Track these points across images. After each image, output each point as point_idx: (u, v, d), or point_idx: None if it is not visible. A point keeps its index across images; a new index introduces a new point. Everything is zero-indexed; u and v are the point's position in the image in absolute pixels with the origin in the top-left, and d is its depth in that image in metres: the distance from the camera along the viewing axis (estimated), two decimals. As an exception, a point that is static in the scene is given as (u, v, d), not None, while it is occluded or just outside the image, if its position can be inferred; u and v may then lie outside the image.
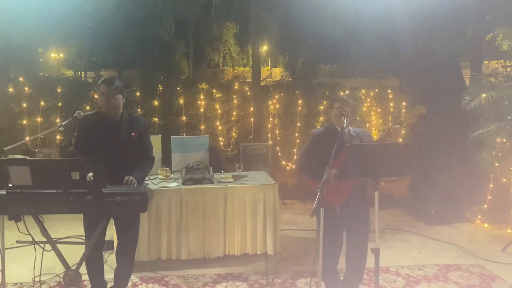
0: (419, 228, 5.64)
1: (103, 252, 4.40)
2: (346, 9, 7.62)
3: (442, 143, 6.20)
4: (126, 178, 3.11)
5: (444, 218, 5.82)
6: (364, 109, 8.04)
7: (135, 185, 3.11)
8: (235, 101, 7.60)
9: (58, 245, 2.99)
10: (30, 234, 2.83)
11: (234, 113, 7.60)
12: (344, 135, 3.39)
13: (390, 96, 8.16)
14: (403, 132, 7.21)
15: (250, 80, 8.31)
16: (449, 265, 4.41)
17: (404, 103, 7.91)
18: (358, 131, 3.58)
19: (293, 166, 7.56)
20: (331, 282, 3.64)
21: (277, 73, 19.66)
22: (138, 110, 7.29)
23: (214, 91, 7.59)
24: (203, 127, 7.41)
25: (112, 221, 3.46)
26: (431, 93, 6.33)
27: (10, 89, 7.12)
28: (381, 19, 6.74)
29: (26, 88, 7.12)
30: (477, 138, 5.47)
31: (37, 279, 3.44)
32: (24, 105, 7.05)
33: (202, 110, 7.45)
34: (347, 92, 7.97)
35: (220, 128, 7.51)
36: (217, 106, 7.51)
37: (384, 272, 4.22)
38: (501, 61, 7.56)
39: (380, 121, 8.17)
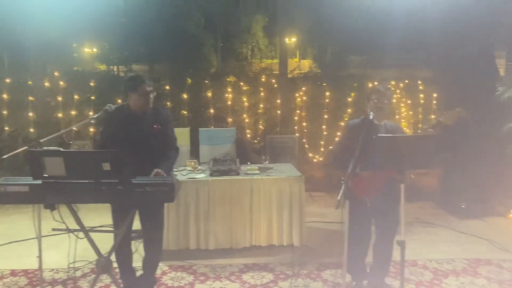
0: (449, 222, 5.53)
1: (133, 241, 4.57)
2: (375, -1, 7.49)
3: (474, 135, 6.04)
4: (155, 171, 3.18)
5: (475, 212, 5.69)
6: (394, 100, 7.90)
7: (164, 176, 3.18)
8: (262, 94, 7.62)
9: (91, 234, 3.13)
10: (64, 222, 2.97)
11: (261, 105, 7.63)
12: (380, 128, 3.37)
13: (421, 87, 7.98)
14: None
15: (277, 72, 8.32)
16: (479, 259, 4.32)
17: (435, 95, 7.73)
18: (394, 125, 3.53)
19: (320, 159, 7.54)
20: (357, 274, 3.65)
21: (306, 65, 19.54)
22: (168, 103, 7.44)
23: (242, 83, 7.64)
24: (230, 119, 7.47)
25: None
26: (463, 84, 6.16)
27: (47, 84, 7.40)
28: (410, 8, 6.60)
29: (61, 83, 7.38)
30: (510, 130, 5.31)
31: (71, 265, 3.62)
32: (60, 98, 7.32)
33: (229, 103, 7.52)
34: (376, 83, 7.86)
35: (247, 120, 7.57)
36: (244, 99, 7.56)
37: (411, 265, 4.18)
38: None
39: (410, 113, 8.01)
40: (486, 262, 4.26)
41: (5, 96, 7.32)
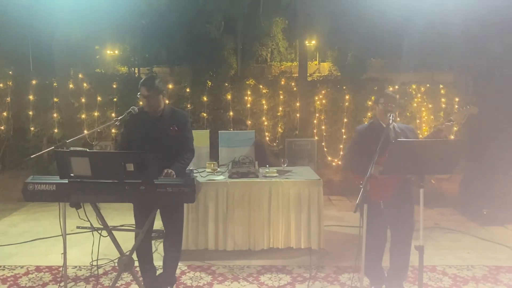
0: (469, 228, 5.46)
1: (153, 241, 4.66)
2: (397, 1, 7.45)
3: (497, 140, 5.95)
4: (165, 171, 3.25)
5: (497, 219, 5.59)
6: (415, 104, 7.84)
7: (174, 177, 3.24)
8: (281, 97, 7.66)
9: (113, 232, 3.21)
10: (89, 220, 3.05)
11: (280, 108, 7.67)
12: (389, 131, 3.37)
13: (442, 91, 7.90)
14: (454, 129, 6.99)
15: (296, 75, 8.34)
16: (500, 266, 4.26)
17: (456, 99, 7.64)
18: (402, 126, 3.54)
19: (339, 162, 7.53)
20: (375, 278, 3.64)
21: (326, 67, 19.46)
22: (188, 106, 7.55)
23: (261, 86, 7.69)
24: (249, 122, 7.53)
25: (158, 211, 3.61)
26: (486, 88, 6.08)
27: (71, 85, 7.59)
28: (432, 11, 6.55)
29: (85, 84, 7.56)
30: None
31: (94, 263, 3.72)
32: (83, 100, 7.49)
33: (248, 105, 7.59)
34: (396, 87, 7.81)
35: (266, 123, 7.61)
36: (264, 102, 7.61)
37: (430, 271, 4.15)
38: None
39: (432, 117, 7.93)
40: (507, 269, 4.19)
41: (31, 97, 7.53)
